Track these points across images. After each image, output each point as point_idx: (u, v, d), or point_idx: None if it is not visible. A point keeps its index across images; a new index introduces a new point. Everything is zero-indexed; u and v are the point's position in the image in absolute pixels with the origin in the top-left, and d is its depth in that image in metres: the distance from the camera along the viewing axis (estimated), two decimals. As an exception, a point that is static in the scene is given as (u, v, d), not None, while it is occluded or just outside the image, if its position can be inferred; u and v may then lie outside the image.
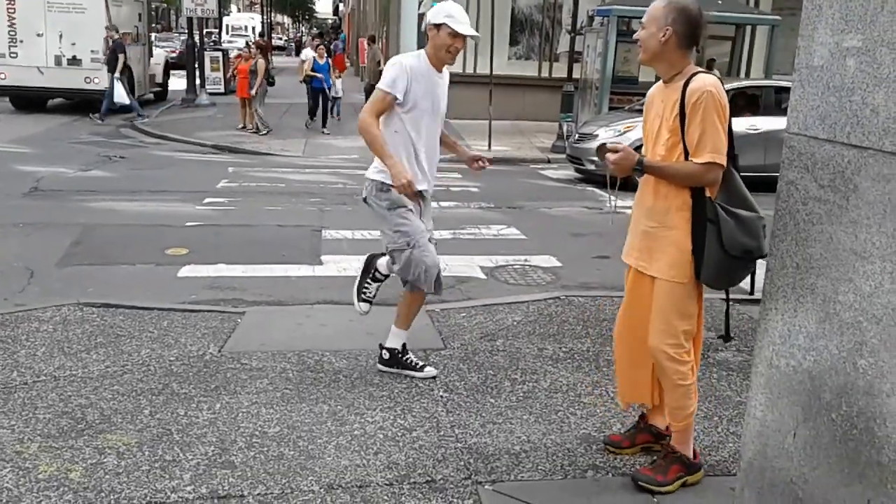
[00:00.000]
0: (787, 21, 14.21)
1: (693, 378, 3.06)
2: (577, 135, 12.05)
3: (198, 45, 20.46)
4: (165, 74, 21.65)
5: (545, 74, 18.79)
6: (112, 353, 4.25)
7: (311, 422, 3.57)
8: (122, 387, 3.84)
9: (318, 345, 4.47)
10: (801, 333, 2.05)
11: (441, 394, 3.91)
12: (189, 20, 20.38)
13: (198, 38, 20.68)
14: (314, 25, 74.46)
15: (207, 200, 8.94)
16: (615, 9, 13.56)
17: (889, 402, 1.76)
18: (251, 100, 14.97)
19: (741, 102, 10.83)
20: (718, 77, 3.06)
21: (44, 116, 15.56)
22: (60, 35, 16.00)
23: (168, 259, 6.45)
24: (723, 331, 3.20)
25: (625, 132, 10.76)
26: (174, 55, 26.26)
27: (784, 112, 2.15)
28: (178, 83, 21.64)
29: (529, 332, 4.80)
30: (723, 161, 2.83)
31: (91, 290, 5.50)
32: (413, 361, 4.11)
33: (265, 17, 43.60)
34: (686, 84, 2.84)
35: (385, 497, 2.98)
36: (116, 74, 15.24)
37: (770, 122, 10.29)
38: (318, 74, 15.28)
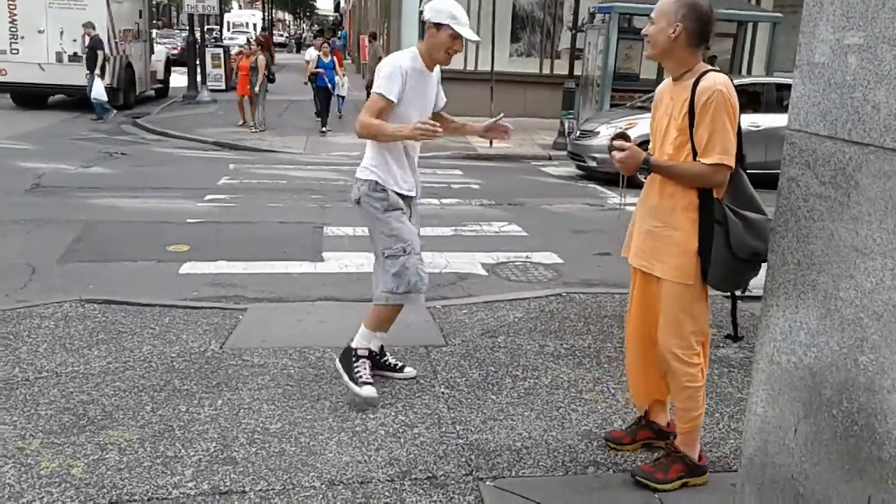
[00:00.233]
0: (789, 18, 14.20)
1: (702, 381, 3.04)
2: (579, 132, 12.05)
3: (199, 42, 20.44)
4: (167, 71, 21.67)
5: (546, 71, 18.78)
6: (114, 350, 4.26)
7: (313, 418, 3.57)
8: (124, 383, 3.85)
9: (320, 341, 4.47)
10: (802, 330, 2.06)
11: (442, 390, 3.92)
12: (190, 17, 20.36)
13: (199, 35, 20.67)
14: (315, 22, 74.42)
15: (209, 197, 8.95)
16: (616, 6, 13.54)
17: (890, 399, 1.76)
18: (254, 96, 14.93)
19: (742, 100, 10.68)
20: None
21: (45, 113, 15.57)
22: (61, 32, 16.00)
23: (169, 256, 6.46)
24: (727, 328, 3.19)
25: (626, 129, 10.74)
26: (175, 52, 26.28)
27: (785, 109, 2.15)
28: (180, 80, 21.64)
29: (531, 329, 4.81)
30: (731, 163, 2.77)
31: (92, 287, 5.50)
32: (360, 375, 3.77)
33: (266, 14, 43.60)
34: (696, 82, 2.79)
35: (386, 493, 2.99)
36: (97, 71, 15.12)
37: (771, 120, 10.29)
38: (321, 70, 15.16)
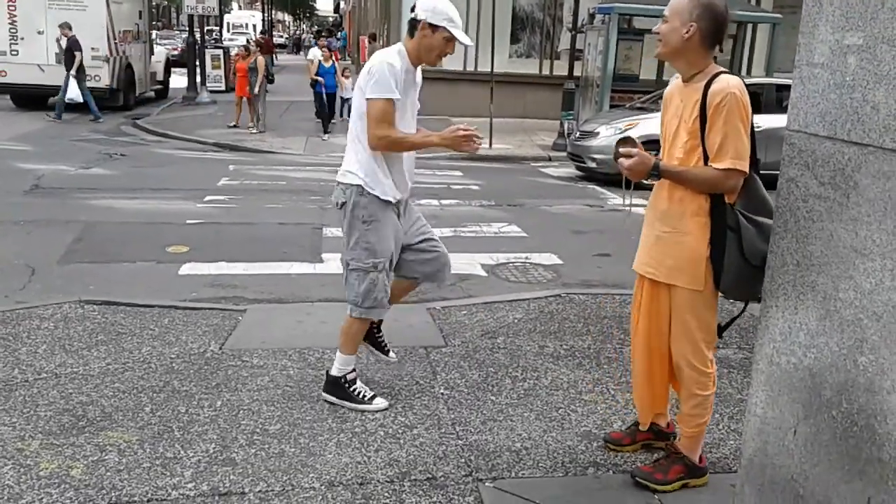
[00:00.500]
0: (789, 19, 14.20)
1: (712, 389, 3.02)
2: (579, 132, 12.05)
3: (199, 43, 20.44)
4: (166, 72, 21.66)
5: (546, 72, 18.77)
6: (113, 351, 4.25)
7: (312, 419, 3.57)
8: (123, 384, 3.85)
9: (319, 342, 4.47)
10: (802, 331, 2.06)
11: (442, 391, 3.92)
12: (190, 18, 20.35)
13: (199, 36, 20.67)
14: (315, 23, 74.44)
15: (208, 198, 8.94)
16: (616, 6, 13.54)
17: (889, 399, 1.76)
18: (253, 97, 14.90)
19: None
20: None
21: (44, 114, 15.55)
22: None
23: (169, 257, 6.46)
24: (734, 336, 3.14)
25: (626, 130, 10.76)
26: (175, 53, 26.28)
27: (785, 110, 2.15)
28: (180, 81, 21.64)
29: (530, 330, 4.81)
30: (745, 167, 2.70)
31: (92, 288, 5.50)
32: (362, 393, 3.73)
33: (266, 15, 43.59)
34: (708, 84, 2.70)
35: (386, 494, 2.99)
36: (72, 72, 15.04)
37: (771, 120, 10.28)
38: (320, 79, 14.80)
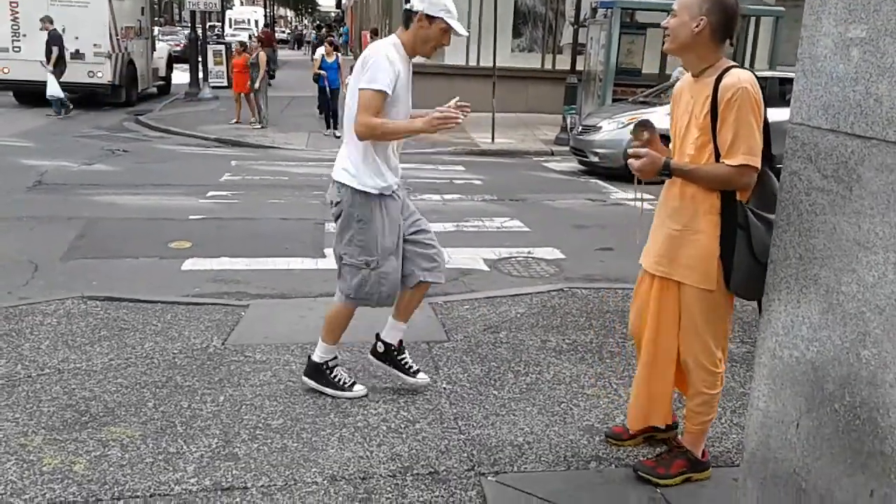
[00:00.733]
0: (791, 12, 14.15)
1: (719, 388, 3.00)
2: (581, 127, 12.03)
3: (201, 39, 20.43)
4: (168, 68, 21.65)
5: (548, 67, 18.74)
6: (116, 346, 4.26)
7: (315, 414, 3.57)
8: (126, 379, 3.85)
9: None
10: (805, 324, 2.05)
11: (444, 385, 3.92)
12: (192, 14, 20.32)
13: (201, 32, 20.66)
14: (316, 18, 74.36)
15: (211, 194, 8.95)
16: (619, 0, 13.51)
17: (892, 393, 1.76)
18: (257, 92, 14.86)
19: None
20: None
21: (47, 110, 15.55)
22: (63, 29, 15.94)
23: (172, 252, 6.46)
24: (743, 334, 3.08)
25: (629, 124, 10.74)
26: (178, 49, 26.25)
27: (788, 103, 2.14)
28: (182, 77, 21.63)
29: (533, 324, 4.80)
30: (757, 163, 2.66)
31: (95, 284, 5.51)
32: (408, 364, 3.81)
33: (268, 10, 43.55)
34: (719, 79, 2.66)
35: (388, 488, 2.99)
36: (49, 67, 14.98)
37: (774, 114, 10.25)
38: (323, 72, 14.62)
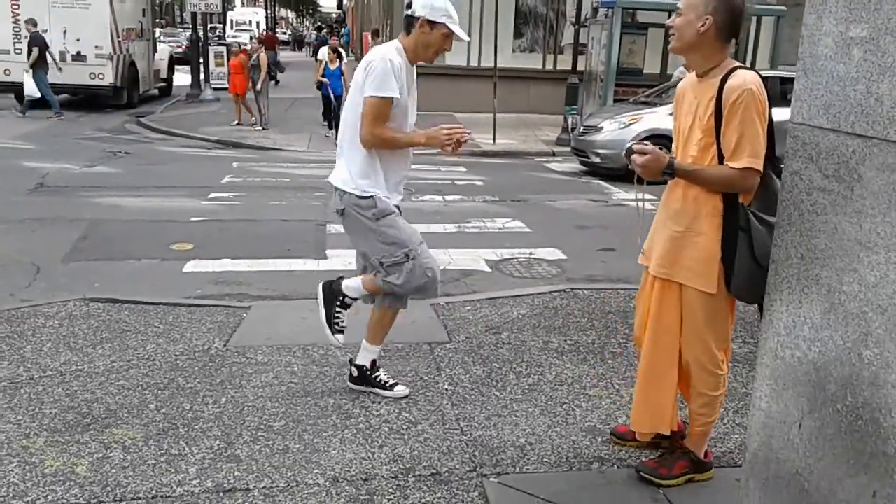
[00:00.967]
0: (793, 12, 14.13)
1: (722, 390, 2.99)
2: (582, 127, 12.03)
3: (202, 41, 20.45)
4: (170, 70, 21.70)
5: (550, 67, 18.74)
6: (118, 348, 4.26)
7: (317, 415, 3.57)
8: (128, 381, 3.85)
9: (323, 339, 4.42)
10: (806, 324, 2.05)
11: (446, 387, 3.91)
12: (193, 15, 20.36)
13: (202, 34, 20.67)
14: (317, 19, 74.39)
15: (212, 195, 8.96)
16: (620, 0, 13.51)
17: (894, 393, 1.75)
18: (258, 94, 14.84)
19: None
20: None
21: (48, 112, 15.57)
22: (64, 31, 16.01)
23: (173, 254, 6.47)
24: (745, 334, 3.06)
25: (630, 124, 10.74)
26: (179, 50, 26.29)
27: (789, 103, 2.13)
28: (183, 78, 21.66)
29: (534, 325, 4.80)
30: (760, 167, 2.63)
31: (97, 286, 5.51)
32: (382, 380, 3.80)
33: (269, 12, 43.58)
34: (724, 80, 2.64)
35: (390, 490, 2.99)
36: (25, 67, 14.98)
37: (776, 114, 10.24)
38: (326, 80, 14.21)
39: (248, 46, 16.91)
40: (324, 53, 14.62)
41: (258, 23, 44.89)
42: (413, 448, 3.31)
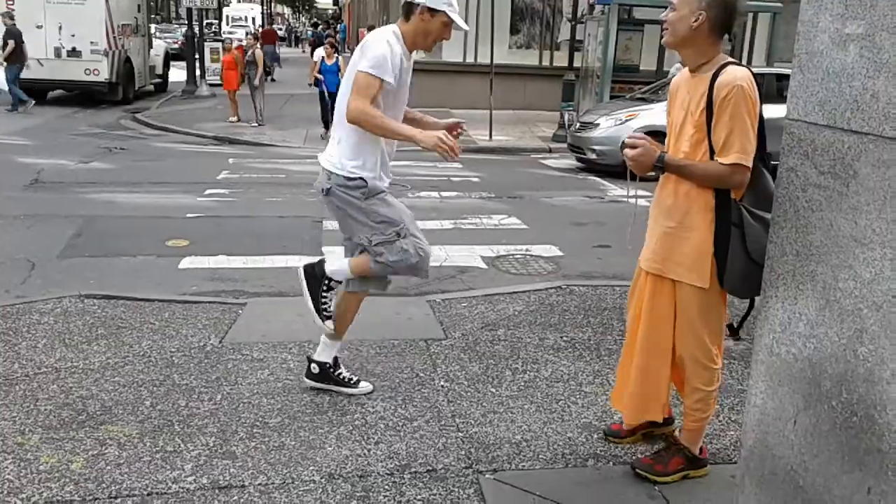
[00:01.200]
0: (789, 8, 14.14)
1: (717, 385, 3.00)
2: (579, 124, 12.03)
3: (198, 37, 20.39)
4: (166, 66, 21.62)
5: (546, 63, 18.74)
6: (113, 345, 4.25)
7: (312, 412, 3.57)
8: (123, 378, 3.85)
9: (319, 336, 4.45)
10: (802, 321, 2.05)
11: (442, 383, 3.91)
12: (189, 11, 20.31)
13: (198, 30, 20.62)
14: (313, 15, 74.26)
15: (208, 192, 8.94)
16: (616, -3, 13.51)
17: (889, 390, 1.76)
18: (255, 90, 14.78)
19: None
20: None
21: (44, 108, 15.52)
22: (60, 27, 15.95)
23: (169, 251, 6.45)
24: (735, 322, 3.11)
25: (626, 120, 10.74)
26: (175, 46, 26.21)
27: (785, 99, 2.13)
28: (179, 74, 21.60)
29: (531, 322, 4.80)
30: (750, 163, 2.65)
31: (92, 282, 5.49)
32: (346, 377, 3.76)
33: (265, 8, 43.48)
34: (716, 75, 2.65)
35: (386, 487, 2.99)
36: (1, 59, 14.91)
37: (771, 110, 10.25)
38: (320, 76, 13.96)
39: (244, 42, 16.84)
40: (319, 54, 14.36)
41: (254, 18, 44.80)
42: (409, 445, 3.30)
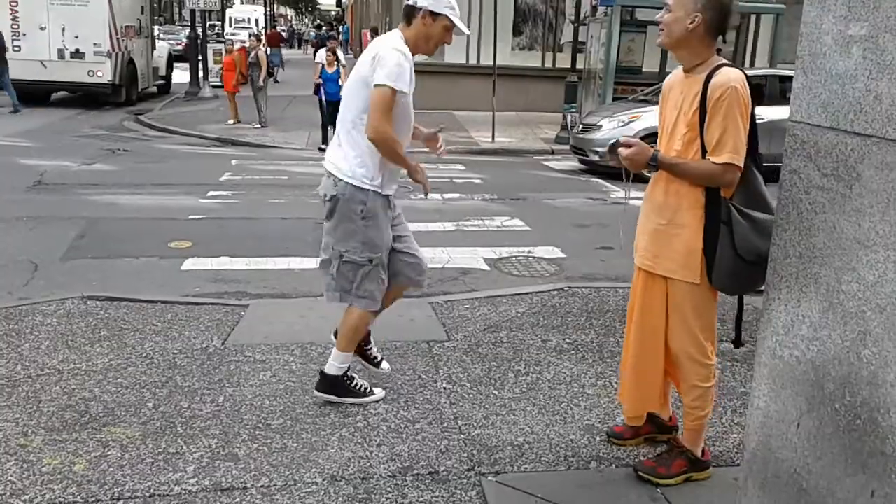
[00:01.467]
0: (792, 10, 14.12)
1: (713, 381, 3.01)
2: (581, 125, 12.02)
3: (201, 38, 20.42)
4: (169, 67, 21.66)
5: (549, 65, 18.75)
6: (116, 347, 4.26)
7: (314, 414, 3.57)
8: (126, 380, 3.85)
9: (322, 337, 4.44)
10: (805, 323, 2.04)
11: (444, 385, 3.91)
12: (192, 12, 20.33)
13: (201, 31, 20.65)
14: (317, 17, 74.34)
15: (211, 193, 8.95)
16: (619, -2, 13.51)
17: (893, 393, 1.75)
18: (258, 91, 14.78)
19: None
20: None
21: (47, 110, 15.57)
22: (63, 28, 15.99)
23: (172, 252, 6.46)
24: (730, 324, 3.14)
25: (629, 122, 10.73)
26: (178, 48, 26.25)
27: (788, 101, 2.13)
28: (182, 76, 21.63)
29: (533, 324, 4.80)
30: (741, 163, 2.68)
31: (95, 284, 5.50)
32: (360, 385, 3.72)
33: (268, 10, 43.52)
34: (710, 76, 2.68)
35: (388, 489, 2.98)
36: None
37: (775, 112, 10.24)
38: (319, 81, 13.41)
39: (247, 44, 16.85)
40: (322, 56, 14.16)
41: (257, 20, 44.81)
42: (411, 447, 3.30)
